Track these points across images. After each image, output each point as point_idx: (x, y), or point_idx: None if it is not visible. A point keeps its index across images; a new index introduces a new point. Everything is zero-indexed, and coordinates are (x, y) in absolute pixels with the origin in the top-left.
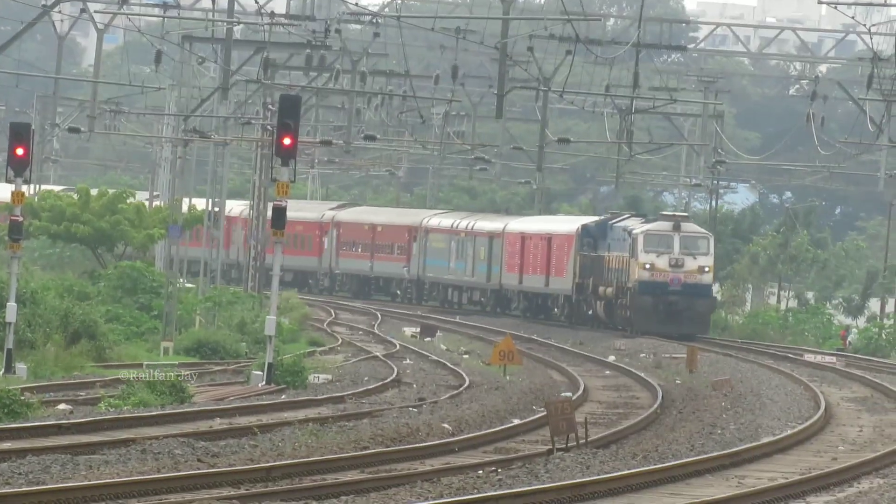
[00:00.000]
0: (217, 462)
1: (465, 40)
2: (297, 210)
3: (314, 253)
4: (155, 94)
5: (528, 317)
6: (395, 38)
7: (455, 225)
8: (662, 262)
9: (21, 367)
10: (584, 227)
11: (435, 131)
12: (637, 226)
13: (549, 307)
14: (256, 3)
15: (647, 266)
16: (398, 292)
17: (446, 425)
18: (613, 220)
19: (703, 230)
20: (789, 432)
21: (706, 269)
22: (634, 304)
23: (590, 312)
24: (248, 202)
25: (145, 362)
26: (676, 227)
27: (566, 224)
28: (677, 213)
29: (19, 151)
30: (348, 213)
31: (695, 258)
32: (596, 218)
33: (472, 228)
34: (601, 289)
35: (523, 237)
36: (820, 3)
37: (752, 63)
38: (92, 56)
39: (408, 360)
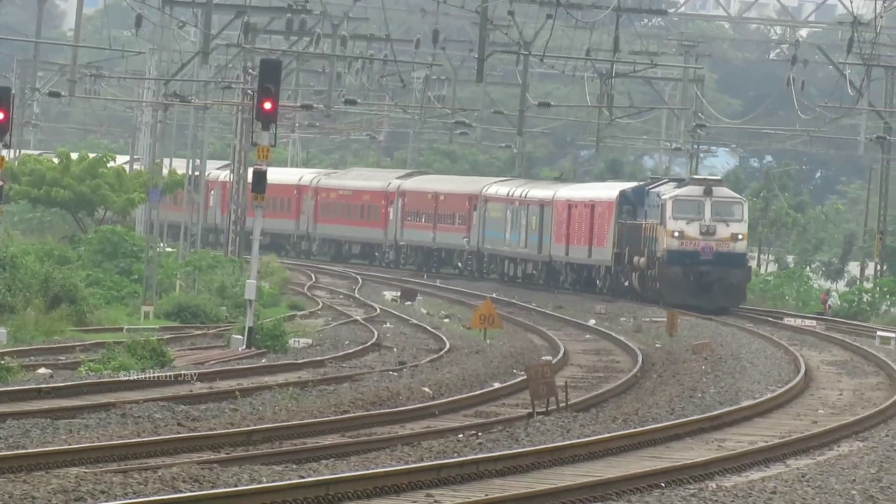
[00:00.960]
0: (197, 426)
1: (445, 4)
2: (365, 179)
3: (379, 224)
4: (135, 58)
5: (576, 290)
6: (376, 2)
7: (510, 193)
8: (693, 230)
9: (1, 331)
10: (622, 193)
11: (415, 95)
12: (667, 191)
13: (592, 279)
14: None
15: (676, 234)
16: (459, 265)
17: (426, 389)
18: (650, 186)
19: (736, 195)
20: (769, 396)
21: (740, 236)
22: (663, 275)
23: (626, 284)
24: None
25: (125, 326)
26: (707, 192)
27: (607, 190)
28: (709, 177)
29: None
30: (414, 181)
31: (727, 225)
32: (633, 184)
33: (525, 197)
34: (636, 259)
35: (570, 205)
36: None
37: (732, 27)
38: (72, 20)
39: (388, 324)
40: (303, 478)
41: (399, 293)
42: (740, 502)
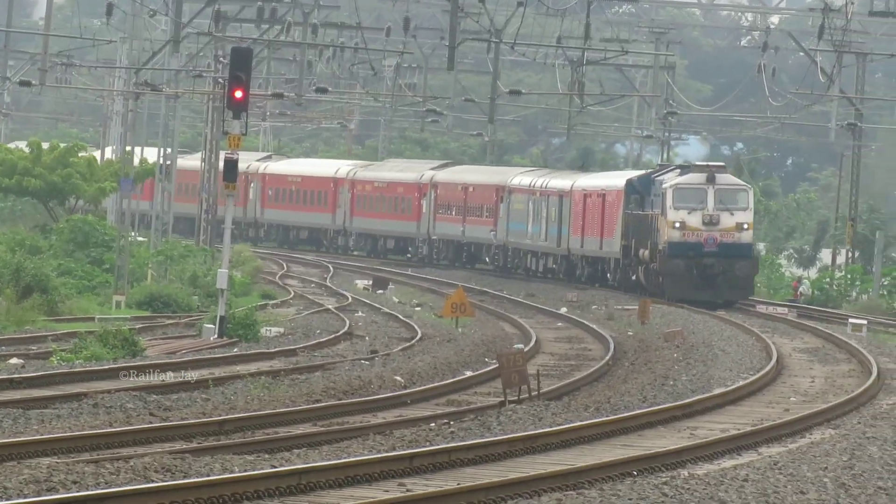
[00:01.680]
0: (169, 416)
1: None
2: (400, 170)
3: (413, 217)
4: (106, 46)
5: (592, 284)
6: None
7: (532, 184)
8: (695, 220)
9: None
10: (629, 182)
11: (386, 83)
12: (669, 179)
13: (604, 273)
14: None
15: (678, 224)
16: (486, 259)
17: (398, 378)
18: (657, 174)
19: (741, 182)
20: (741, 383)
21: (745, 226)
22: (665, 268)
23: (633, 278)
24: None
25: (97, 316)
26: (710, 179)
27: (616, 179)
28: (711, 164)
29: None
30: (446, 172)
31: (732, 214)
32: (641, 171)
33: (546, 187)
34: (641, 251)
35: (585, 196)
36: None
37: (703, 14)
38: (43, 8)
39: (360, 313)
40: (275, 467)
41: (371, 282)
42: (712, 490)
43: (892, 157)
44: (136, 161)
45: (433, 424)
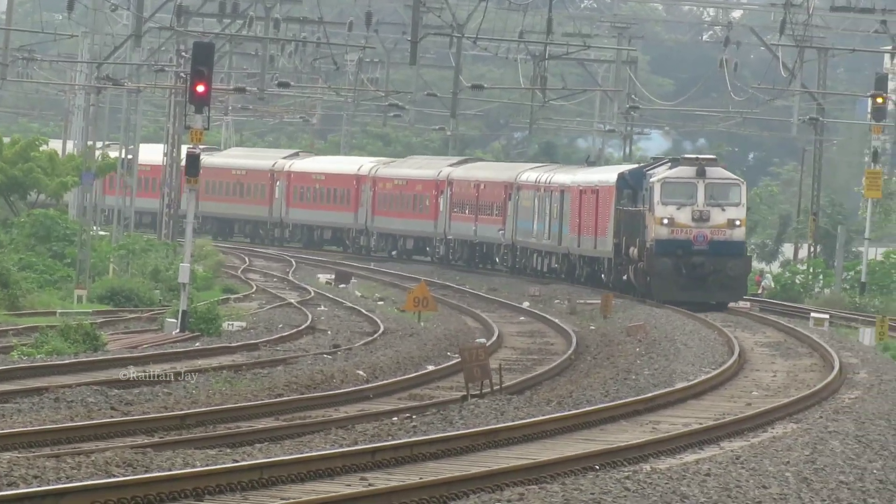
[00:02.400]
0: (131, 410)
1: None
2: (419, 167)
3: (430, 216)
4: (68, 41)
5: (589, 285)
6: None
7: (538, 180)
8: (684, 216)
9: None
10: (621, 176)
11: (349, 78)
12: (657, 173)
13: (598, 273)
14: None
15: (666, 221)
16: (496, 260)
17: (361, 372)
18: (649, 167)
19: (733, 175)
20: (703, 378)
21: (737, 222)
22: (652, 267)
23: (625, 279)
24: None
25: (59, 310)
26: (700, 173)
27: (608, 174)
28: (701, 156)
29: None
30: (461, 170)
31: (723, 210)
32: (633, 165)
33: (549, 183)
34: (631, 250)
35: (581, 192)
36: None
37: (665, 9)
38: (3, 2)
39: (322, 307)
40: (237, 462)
41: (333, 276)
42: (674, 484)
43: (853, 152)
44: (98, 155)
45: (395, 418)
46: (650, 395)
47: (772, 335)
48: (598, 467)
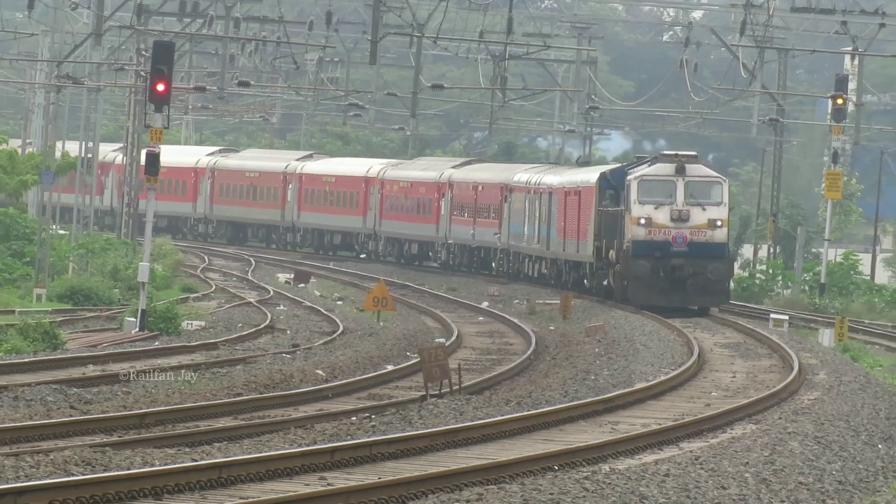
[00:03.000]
0: (90, 409)
1: None
2: (423, 169)
3: (432, 220)
4: (28, 39)
5: (576, 291)
6: None
7: (528, 181)
8: (662, 216)
9: None
10: (603, 176)
11: (309, 77)
12: (636, 171)
13: (583, 279)
14: None
15: (643, 221)
16: (493, 265)
17: (320, 371)
18: (631, 166)
19: (714, 173)
20: (662, 378)
21: (719, 222)
22: (628, 270)
23: (605, 283)
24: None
25: (18, 309)
26: (680, 171)
27: (592, 174)
28: (681, 153)
29: None
30: (464, 171)
31: (704, 209)
32: (615, 165)
33: (539, 185)
34: (611, 252)
35: (566, 193)
36: None
37: (625, 9)
38: None
39: (281, 307)
40: (196, 461)
41: (292, 275)
42: (633, 485)
43: (813, 153)
44: (58, 154)
45: (354, 418)
46: (609, 395)
47: (731, 336)
48: (557, 467)
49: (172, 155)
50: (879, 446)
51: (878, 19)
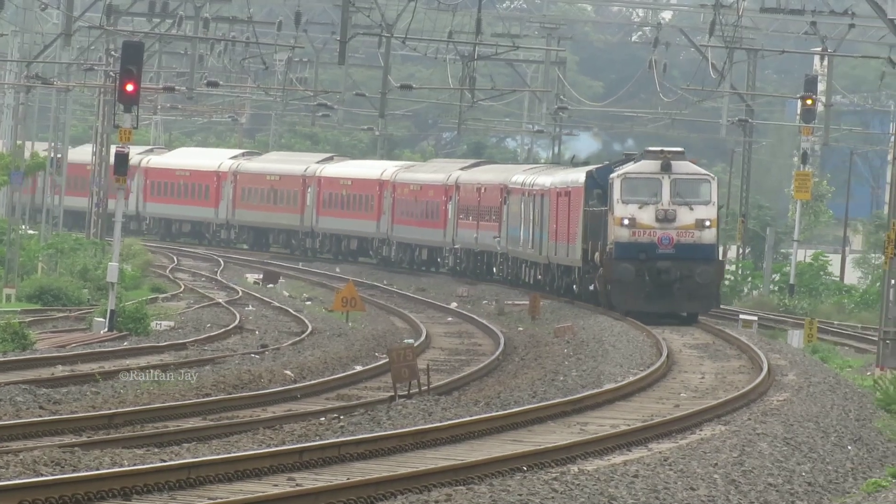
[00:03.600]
0: (59, 409)
1: None
2: (433, 171)
3: (440, 224)
4: None
5: (563, 297)
6: None
7: (524, 182)
8: (647, 216)
9: None
10: (590, 175)
11: (277, 77)
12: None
13: (572, 285)
14: None
15: (626, 222)
16: (494, 270)
17: (288, 372)
18: (620, 164)
19: (702, 170)
20: (631, 379)
21: (707, 223)
22: (611, 273)
23: (591, 288)
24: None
25: None
26: (665, 168)
27: (580, 173)
28: (667, 149)
29: None
30: (469, 173)
31: (691, 209)
32: (603, 163)
33: (533, 186)
34: (596, 255)
35: (557, 194)
36: None
37: (594, 10)
38: None
39: (250, 307)
40: (164, 461)
41: (261, 276)
42: (602, 486)
43: (783, 154)
44: (28, 154)
45: (323, 419)
46: (578, 396)
47: (700, 337)
48: (525, 468)
49: (194, 158)
50: (849, 447)
51: (848, 20)
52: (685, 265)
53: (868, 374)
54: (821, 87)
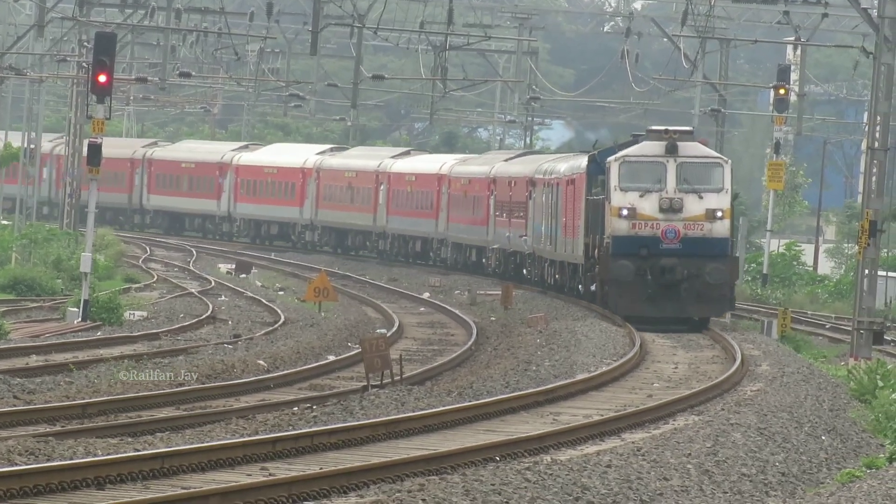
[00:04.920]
0: (33, 399)
1: None
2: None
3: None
4: None
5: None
6: None
7: (545, 170)
8: (649, 206)
9: None
10: (592, 159)
11: (250, 68)
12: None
13: (576, 283)
14: None
15: (625, 212)
16: (524, 272)
17: (261, 362)
18: (625, 146)
19: (714, 153)
20: (604, 369)
21: (719, 213)
22: (608, 271)
23: (593, 287)
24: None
25: None
26: (671, 150)
27: (583, 158)
28: (672, 128)
29: None
30: (506, 165)
31: (701, 197)
32: (605, 146)
33: (552, 174)
34: (595, 250)
35: (567, 182)
36: None
37: None
38: None
39: (223, 297)
40: (138, 451)
41: (234, 266)
42: (575, 476)
43: (756, 143)
44: (0, 145)
45: (296, 409)
46: (551, 386)
47: (673, 327)
48: (498, 458)
49: (279, 154)
50: (823, 438)
51: (821, 9)
52: (693, 262)
53: (842, 364)
54: (794, 76)
